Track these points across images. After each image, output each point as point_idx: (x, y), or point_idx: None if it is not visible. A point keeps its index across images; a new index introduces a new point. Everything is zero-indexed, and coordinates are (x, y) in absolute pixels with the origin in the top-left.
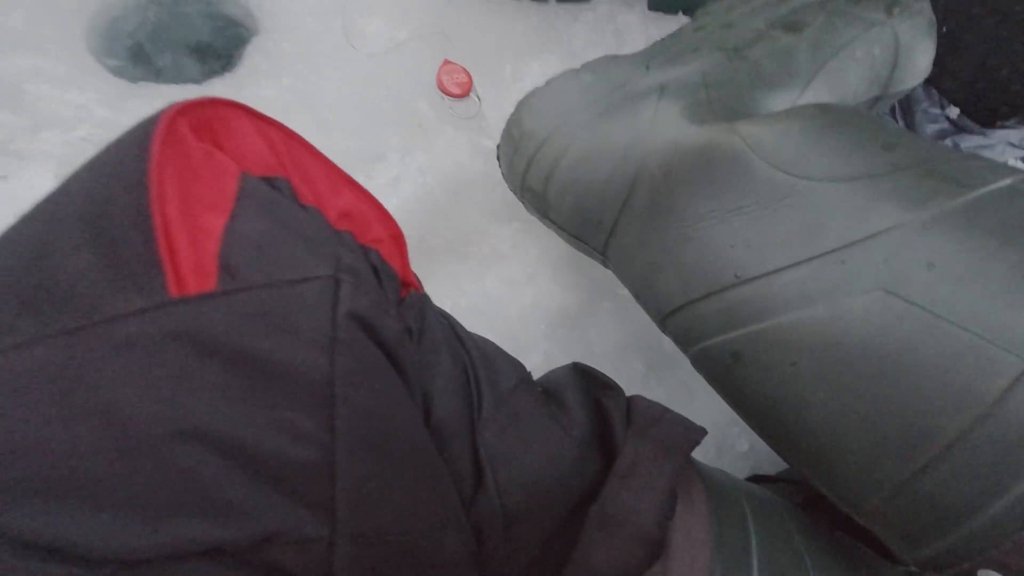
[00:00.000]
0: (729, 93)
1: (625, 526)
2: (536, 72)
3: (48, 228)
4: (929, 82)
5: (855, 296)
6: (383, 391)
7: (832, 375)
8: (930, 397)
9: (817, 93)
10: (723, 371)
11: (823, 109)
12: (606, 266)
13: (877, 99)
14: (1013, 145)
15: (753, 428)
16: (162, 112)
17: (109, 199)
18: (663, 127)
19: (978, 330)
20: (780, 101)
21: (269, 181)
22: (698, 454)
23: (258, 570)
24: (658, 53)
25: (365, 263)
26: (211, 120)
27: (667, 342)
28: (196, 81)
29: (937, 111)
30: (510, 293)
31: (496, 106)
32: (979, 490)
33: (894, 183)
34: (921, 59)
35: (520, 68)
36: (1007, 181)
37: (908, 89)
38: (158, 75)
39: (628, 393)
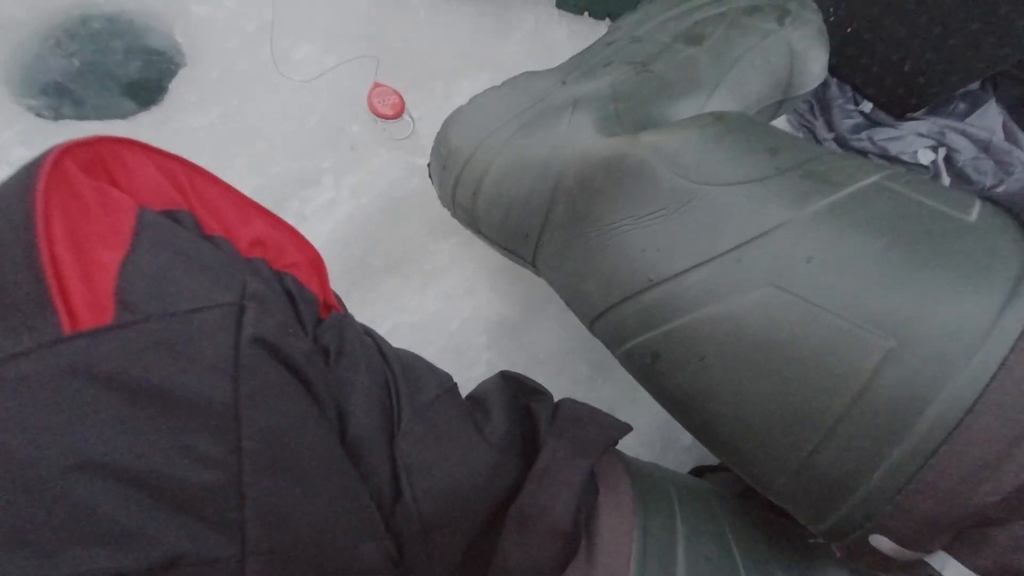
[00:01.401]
0: (637, 105)
1: (539, 523)
2: (468, 89)
3: None
4: (843, 79)
5: (749, 291)
6: (290, 411)
7: (734, 367)
8: (815, 381)
9: (722, 101)
10: (646, 369)
11: (717, 117)
12: (538, 275)
13: (780, 103)
14: (922, 135)
15: (680, 422)
16: (47, 152)
17: None
18: (576, 140)
19: (850, 316)
20: (686, 110)
21: (170, 214)
22: (643, 448)
23: None
24: (574, 68)
25: (277, 288)
26: (104, 158)
27: None
28: (122, 116)
29: (852, 107)
30: (450, 307)
31: (429, 125)
32: (860, 463)
33: (779, 184)
34: (815, 64)
35: (452, 86)
36: (873, 178)
37: (808, 92)
38: (84, 113)
39: (575, 396)
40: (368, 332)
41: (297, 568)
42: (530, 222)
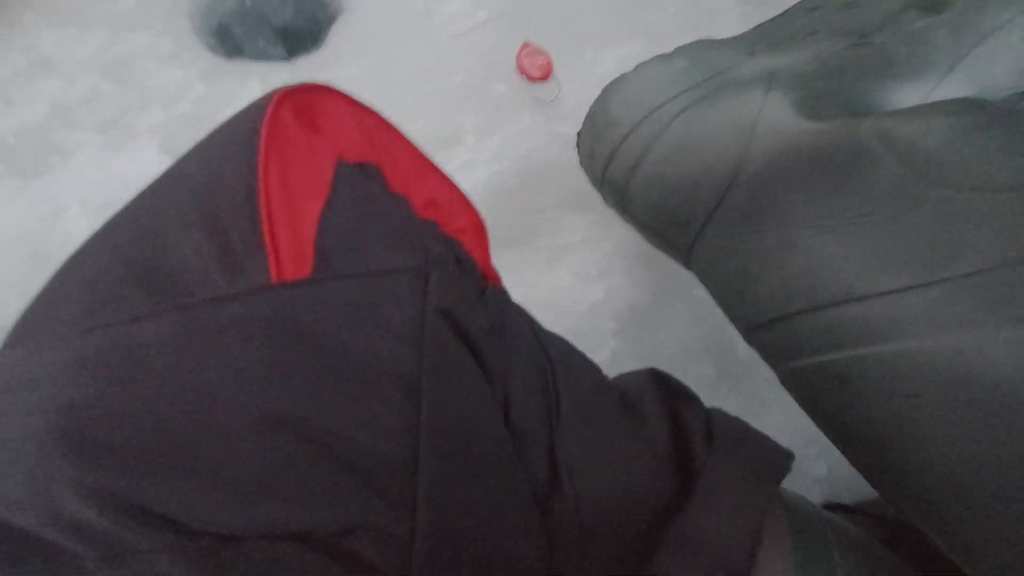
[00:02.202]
0: (851, 84)
1: (707, 552)
2: (619, 57)
3: (161, 206)
4: None
5: (998, 328)
6: (467, 389)
7: (961, 414)
8: None
9: (956, 86)
10: (822, 394)
11: (974, 106)
12: (687, 267)
13: (1023, 95)
14: None
15: (849, 458)
16: (269, 98)
17: (220, 181)
18: (772, 121)
19: None
20: (911, 95)
21: (362, 167)
22: None
23: (341, 558)
24: (764, 37)
25: (451, 255)
26: (311, 104)
27: (741, 348)
28: (278, 59)
29: None
30: (580, 287)
31: (575, 92)
32: None
33: None
34: None
35: (602, 53)
36: None
37: None
38: (248, 54)
39: (713, 407)
40: (520, 311)
41: (460, 556)
42: (695, 209)
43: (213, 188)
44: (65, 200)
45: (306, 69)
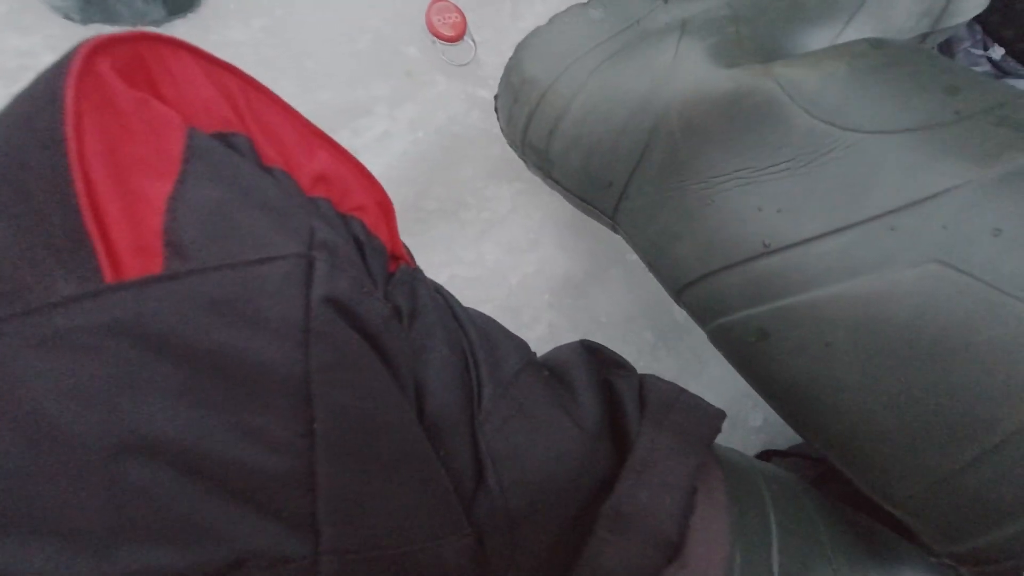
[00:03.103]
0: (762, 29)
1: (641, 527)
2: (540, 11)
3: None
4: (975, 18)
5: (906, 268)
6: (367, 387)
7: (873, 356)
8: (987, 385)
9: (861, 28)
10: (746, 349)
11: (876, 45)
12: (615, 231)
13: (925, 36)
14: None
15: (776, 409)
16: (75, 49)
17: (20, 163)
18: (685, 70)
19: None
20: (820, 37)
21: (224, 138)
22: None
23: None
24: None
25: (345, 236)
26: (146, 61)
27: (678, 311)
28: (156, 23)
29: (979, 52)
30: (511, 260)
31: (494, 51)
32: None
33: (958, 134)
34: None
35: (521, 6)
36: None
37: (961, 23)
38: (114, 17)
39: (637, 365)
40: (438, 289)
41: (375, 567)
42: (616, 168)
43: (14, 172)
44: None
45: (182, 34)
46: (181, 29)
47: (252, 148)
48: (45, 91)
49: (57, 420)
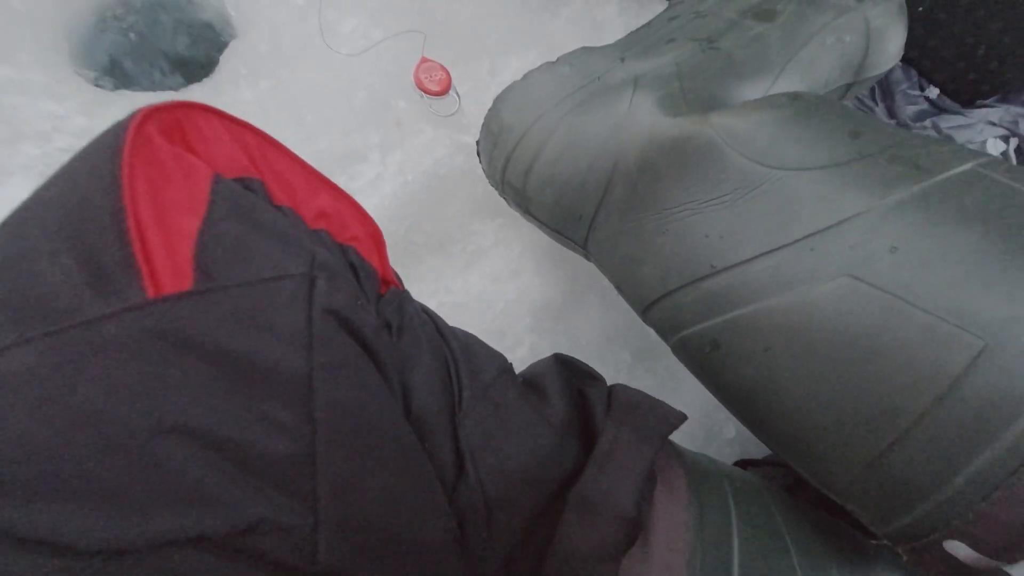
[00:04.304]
0: (703, 84)
1: (603, 508)
2: (515, 67)
3: (25, 233)
4: (909, 63)
5: (823, 282)
6: (361, 384)
7: (802, 360)
8: (894, 378)
9: (789, 82)
10: (702, 359)
11: (793, 98)
12: (588, 259)
13: (849, 86)
14: (993, 124)
15: (733, 414)
16: (131, 116)
17: (84, 204)
18: (638, 119)
19: (938, 311)
20: (752, 90)
21: (242, 182)
22: (685, 440)
23: (242, 558)
24: (633, 44)
25: (342, 260)
26: (181, 123)
27: (652, 332)
28: (174, 88)
29: (917, 92)
30: (494, 288)
31: (476, 102)
32: (942, 465)
33: (860, 170)
34: (892, 44)
35: (499, 63)
36: (968, 165)
37: (880, 75)
38: (136, 85)
39: (615, 383)
40: (424, 309)
41: (366, 540)
42: (584, 204)
43: (78, 211)
44: None
45: (199, 96)
46: (197, 92)
47: (264, 190)
48: (106, 148)
49: (105, 409)
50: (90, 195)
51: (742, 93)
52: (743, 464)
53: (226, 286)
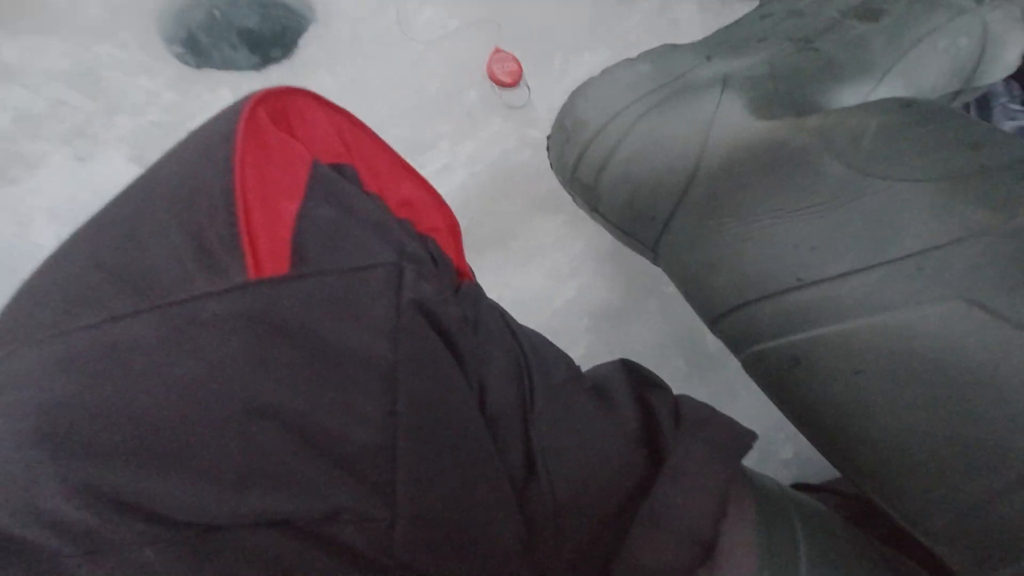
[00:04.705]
0: (798, 86)
1: (674, 526)
2: (588, 63)
3: (139, 209)
4: (1011, 75)
5: (932, 304)
6: (443, 379)
7: (901, 386)
8: (1013, 415)
9: (892, 87)
10: (779, 376)
11: (904, 104)
12: (655, 263)
13: (956, 94)
14: None
15: (808, 437)
16: (244, 101)
17: (196, 183)
18: (727, 120)
19: None
20: (852, 95)
21: (337, 168)
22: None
23: (323, 544)
24: (721, 42)
25: (424, 251)
26: (286, 107)
27: (711, 342)
28: (250, 68)
29: (1017, 107)
30: (553, 286)
31: (545, 97)
32: None
33: (982, 186)
34: (1011, 51)
35: (571, 59)
36: None
37: (992, 84)
38: (215, 62)
39: (680, 394)
40: (494, 305)
41: (440, 536)
42: (660, 205)
43: (190, 190)
44: (32, 211)
45: (278, 78)
46: (275, 74)
47: (357, 176)
48: (220, 131)
49: (205, 385)
50: (203, 175)
51: (841, 98)
52: (800, 488)
53: (321, 272)
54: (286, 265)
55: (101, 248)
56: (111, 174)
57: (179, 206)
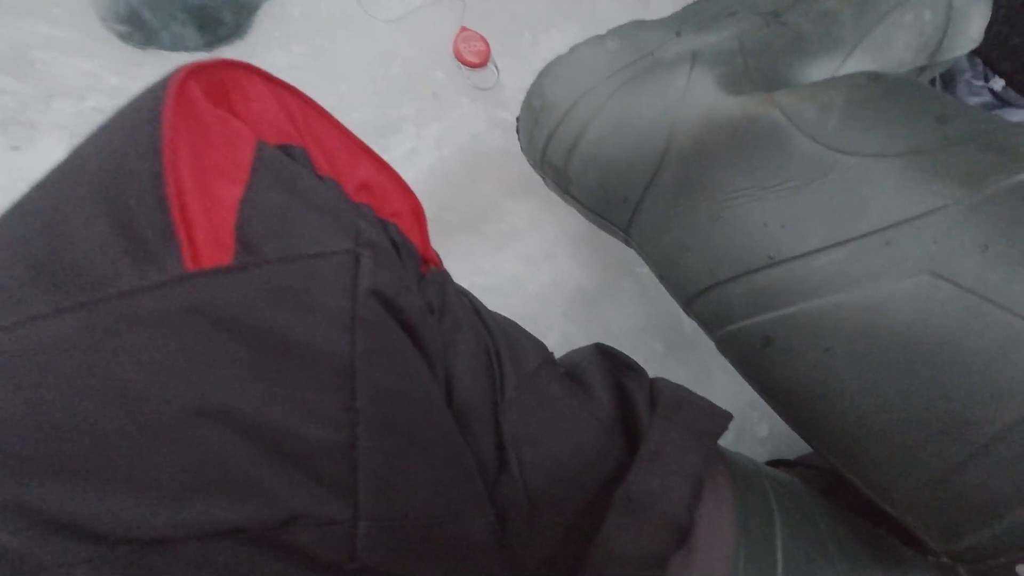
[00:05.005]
0: (767, 61)
1: (651, 511)
2: (557, 41)
3: (61, 197)
4: (974, 51)
5: (899, 279)
6: (405, 371)
7: (870, 361)
8: (977, 387)
9: (860, 61)
10: (751, 355)
11: (872, 78)
12: (628, 244)
13: (922, 69)
14: None
15: (780, 414)
16: (172, 74)
17: (122, 167)
18: (696, 97)
19: None
20: (821, 69)
21: (285, 149)
22: None
23: (280, 551)
24: (690, 18)
25: (384, 237)
26: (225, 83)
27: (687, 322)
28: (202, 48)
29: (980, 83)
30: (527, 271)
31: (515, 76)
32: (1022, 485)
33: (947, 158)
34: (974, 25)
35: (540, 36)
36: None
37: (957, 58)
38: (163, 42)
39: (656, 376)
40: (463, 292)
41: (406, 536)
42: (631, 186)
43: (116, 175)
44: None
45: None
46: (228, 54)
47: (308, 159)
48: (145, 109)
49: (141, 388)
50: (128, 157)
51: (809, 72)
52: (775, 463)
53: (268, 261)
54: (230, 255)
55: (19, 242)
56: (50, 163)
57: (105, 192)
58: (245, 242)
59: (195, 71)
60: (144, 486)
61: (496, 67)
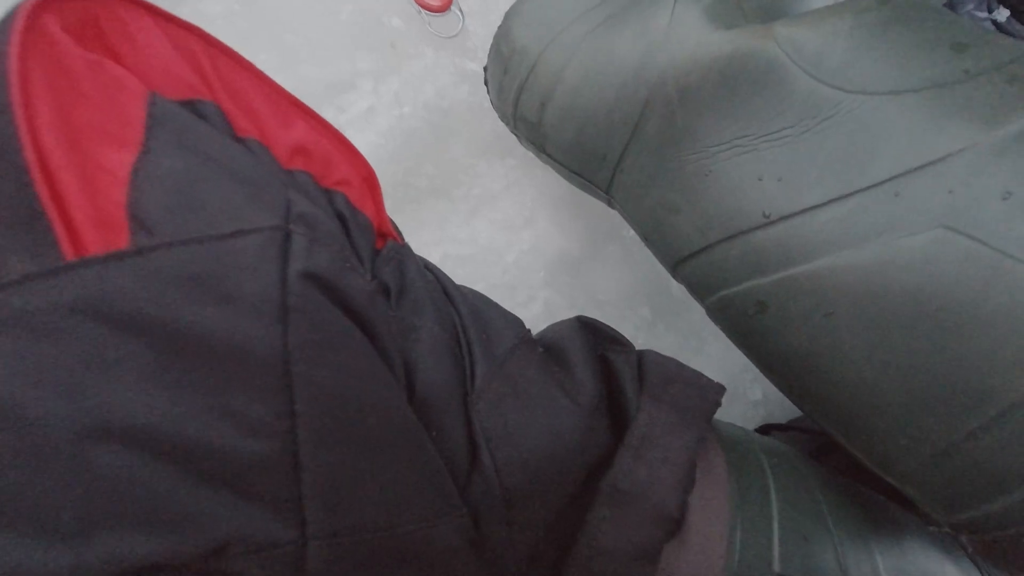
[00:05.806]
0: None
1: (640, 503)
2: None
3: None
4: None
5: (910, 235)
6: (352, 365)
7: (874, 327)
8: (994, 352)
9: None
10: (745, 322)
11: (881, 1)
12: (611, 206)
13: None
14: None
15: (775, 383)
16: (17, 6)
17: None
18: (681, 35)
19: None
20: None
21: (190, 105)
22: None
23: None
24: None
25: (327, 209)
26: (99, 21)
27: (675, 286)
28: None
29: (983, 14)
30: (505, 238)
31: (482, 21)
32: None
33: (966, 94)
34: None
35: None
36: None
37: None
38: None
39: (636, 342)
40: (428, 266)
41: (366, 552)
42: (611, 141)
43: None
44: None
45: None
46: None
47: (223, 117)
48: None
49: (19, 405)
50: None
51: (808, 1)
52: (767, 429)
53: (172, 243)
54: (124, 237)
55: None
56: None
57: None
58: (141, 221)
59: (50, 3)
60: (34, 524)
61: (460, 11)
